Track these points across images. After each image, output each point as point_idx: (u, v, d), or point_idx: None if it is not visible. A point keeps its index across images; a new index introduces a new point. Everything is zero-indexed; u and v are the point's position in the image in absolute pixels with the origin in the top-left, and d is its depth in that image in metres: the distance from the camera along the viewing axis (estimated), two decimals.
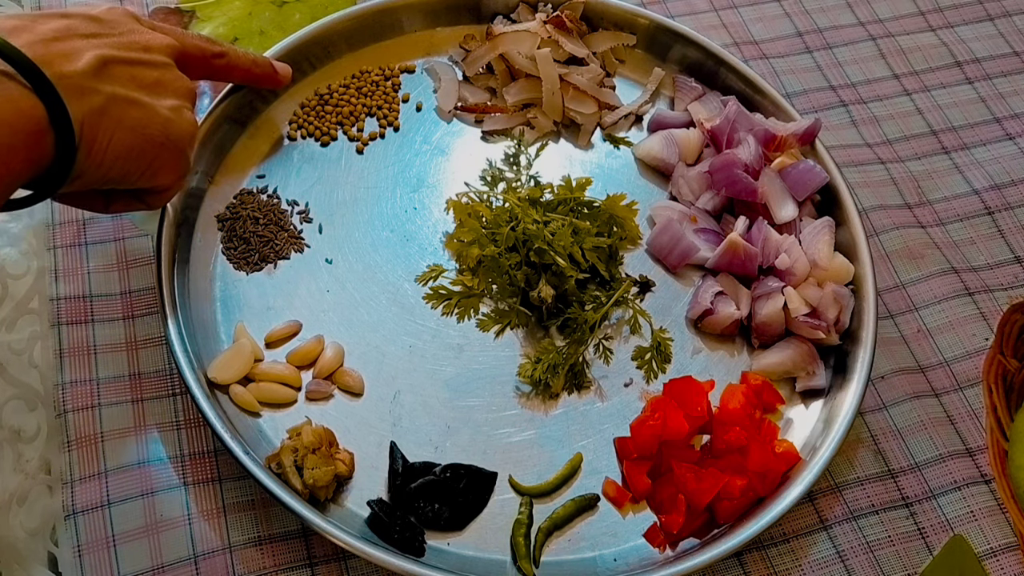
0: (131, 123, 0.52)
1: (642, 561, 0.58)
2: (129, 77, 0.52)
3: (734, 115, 0.71)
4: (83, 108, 0.49)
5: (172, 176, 0.57)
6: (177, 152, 0.56)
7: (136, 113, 0.52)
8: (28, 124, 0.46)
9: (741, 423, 0.61)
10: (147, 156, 0.54)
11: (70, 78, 0.49)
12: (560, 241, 0.63)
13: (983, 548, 0.61)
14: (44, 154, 0.48)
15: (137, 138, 0.52)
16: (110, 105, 0.51)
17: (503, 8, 0.78)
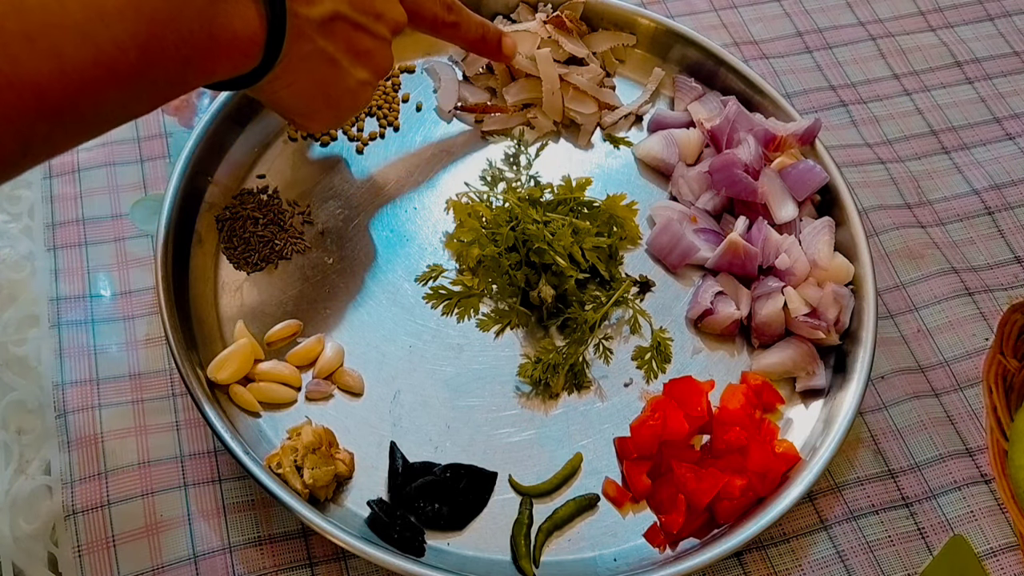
0: (319, 78, 0.56)
1: (642, 561, 0.58)
2: (346, 38, 0.55)
3: (734, 115, 0.71)
4: (293, 49, 0.52)
5: (320, 128, 0.62)
6: (337, 116, 0.61)
7: (329, 73, 0.56)
8: (246, 43, 0.50)
9: (741, 423, 0.61)
10: (312, 106, 0.58)
11: (299, 19, 0.52)
12: (560, 241, 0.63)
13: (983, 548, 0.61)
14: (242, 68, 0.51)
15: (315, 91, 0.57)
16: (314, 56, 0.54)
17: (503, 8, 0.78)
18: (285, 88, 0.55)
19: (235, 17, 0.49)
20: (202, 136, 0.67)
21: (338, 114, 0.61)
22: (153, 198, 0.69)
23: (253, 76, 0.53)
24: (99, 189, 0.69)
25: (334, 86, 0.57)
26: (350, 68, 0.57)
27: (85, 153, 0.71)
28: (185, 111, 0.74)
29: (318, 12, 0.53)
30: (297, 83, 0.55)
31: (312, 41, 0.53)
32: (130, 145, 0.72)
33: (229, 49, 0.49)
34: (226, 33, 0.49)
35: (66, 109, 0.42)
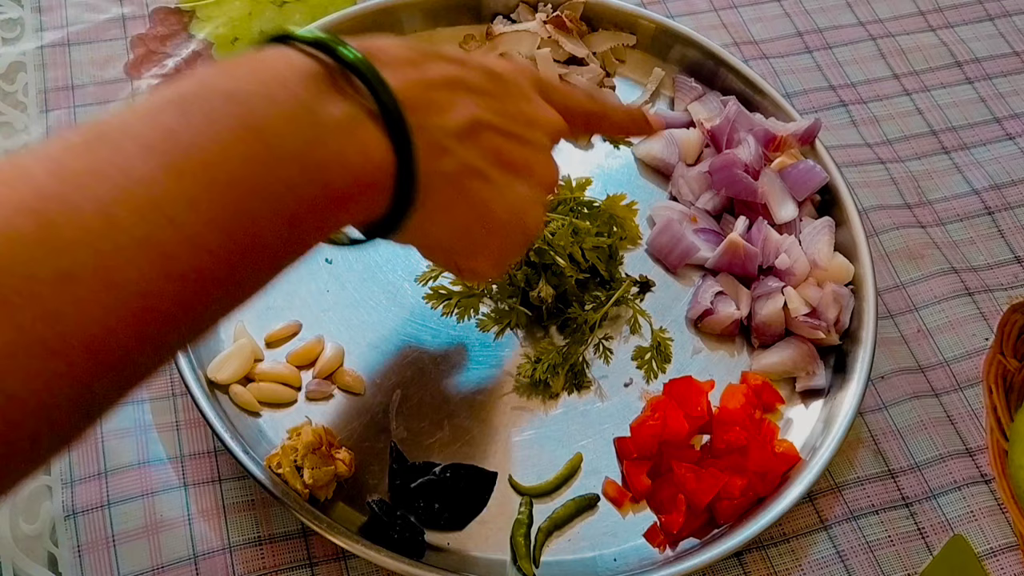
0: (474, 200, 0.45)
1: (642, 561, 0.58)
2: (495, 149, 0.45)
3: (734, 115, 0.71)
4: (431, 168, 0.42)
5: (489, 266, 0.50)
6: (509, 246, 0.49)
7: (485, 192, 0.45)
8: (372, 176, 0.39)
9: (741, 423, 0.61)
10: (475, 237, 0.47)
11: (432, 132, 0.42)
12: (560, 241, 0.63)
13: (983, 548, 0.60)
14: (376, 209, 0.41)
15: (474, 217, 0.45)
16: (460, 174, 0.44)
17: (503, 8, 0.78)
18: (438, 221, 0.44)
19: (351, 151, 0.38)
20: None
21: (507, 243, 0.49)
22: None
23: (392, 216, 0.42)
24: None
25: (494, 206, 0.46)
26: (507, 183, 0.46)
27: None
28: None
29: (454, 121, 0.43)
30: (450, 211, 0.44)
31: (453, 155, 0.43)
32: None
33: (351, 192, 0.39)
34: (343, 174, 0.38)
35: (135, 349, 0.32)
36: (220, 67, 0.38)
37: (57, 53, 0.76)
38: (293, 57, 0.38)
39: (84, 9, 0.78)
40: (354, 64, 0.39)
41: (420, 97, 0.41)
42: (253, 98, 0.36)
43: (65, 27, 0.77)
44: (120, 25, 0.78)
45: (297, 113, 0.37)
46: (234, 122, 0.35)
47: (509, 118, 0.46)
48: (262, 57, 0.39)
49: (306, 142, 0.37)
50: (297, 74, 0.38)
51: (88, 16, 0.78)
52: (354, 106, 0.39)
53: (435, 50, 0.45)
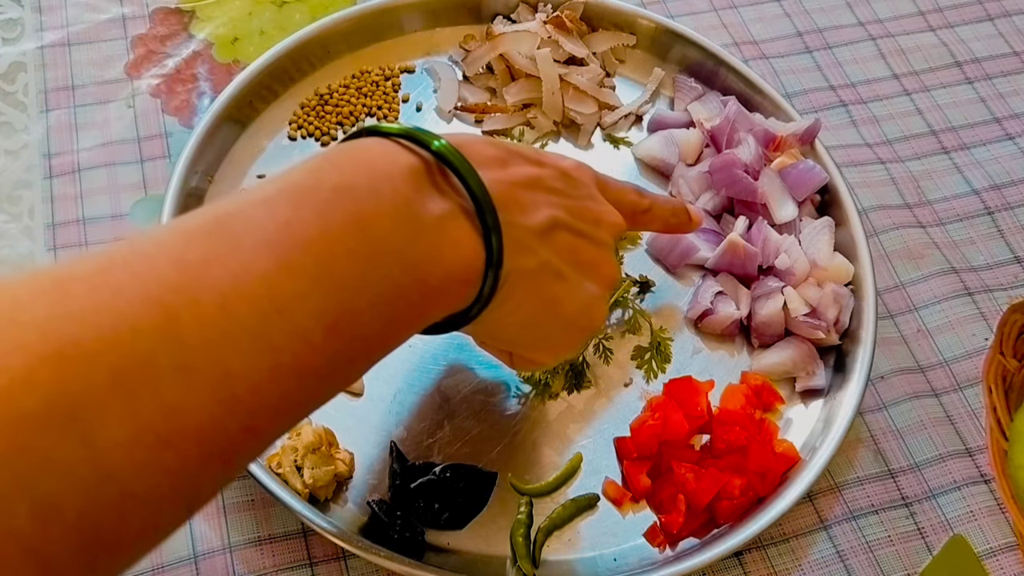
0: (548, 296, 0.46)
1: (642, 561, 0.58)
2: (569, 248, 0.47)
3: (734, 115, 0.71)
4: (515, 265, 0.43)
5: (551, 358, 0.53)
6: (573, 340, 0.51)
7: (558, 289, 0.47)
8: (463, 272, 0.41)
9: (741, 423, 0.61)
10: (542, 332, 0.49)
11: (517, 230, 0.43)
12: None
13: (983, 548, 0.61)
14: (461, 303, 0.42)
15: (545, 313, 0.47)
16: (539, 271, 0.45)
17: (503, 8, 0.78)
18: (510, 315, 0.45)
19: (446, 248, 0.40)
20: (202, 136, 0.67)
21: (572, 338, 0.51)
22: (153, 198, 0.69)
23: (472, 309, 0.43)
24: (99, 189, 0.69)
25: (566, 303, 0.47)
26: (579, 281, 0.47)
27: (85, 153, 0.71)
28: (185, 111, 0.74)
29: (536, 220, 0.44)
30: (524, 306, 0.45)
31: (535, 254, 0.44)
32: (130, 145, 0.72)
33: (444, 287, 0.40)
34: (438, 271, 0.39)
35: (239, 441, 0.32)
36: (326, 158, 0.39)
37: (57, 53, 0.76)
38: (393, 150, 0.40)
39: (84, 9, 0.78)
40: (451, 161, 0.41)
41: (507, 195, 0.43)
42: (360, 192, 0.37)
43: (65, 27, 0.77)
44: (120, 25, 0.78)
45: (400, 209, 0.38)
46: (342, 216, 0.36)
47: (580, 217, 0.48)
48: (364, 148, 0.40)
49: (406, 239, 0.38)
50: (399, 168, 0.39)
51: (88, 16, 0.78)
52: (450, 203, 0.40)
53: (516, 148, 0.47)
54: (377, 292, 0.37)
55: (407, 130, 0.41)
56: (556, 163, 0.48)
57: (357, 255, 0.36)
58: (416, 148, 0.41)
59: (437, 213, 0.39)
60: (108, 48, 0.77)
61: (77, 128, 0.72)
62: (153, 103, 0.74)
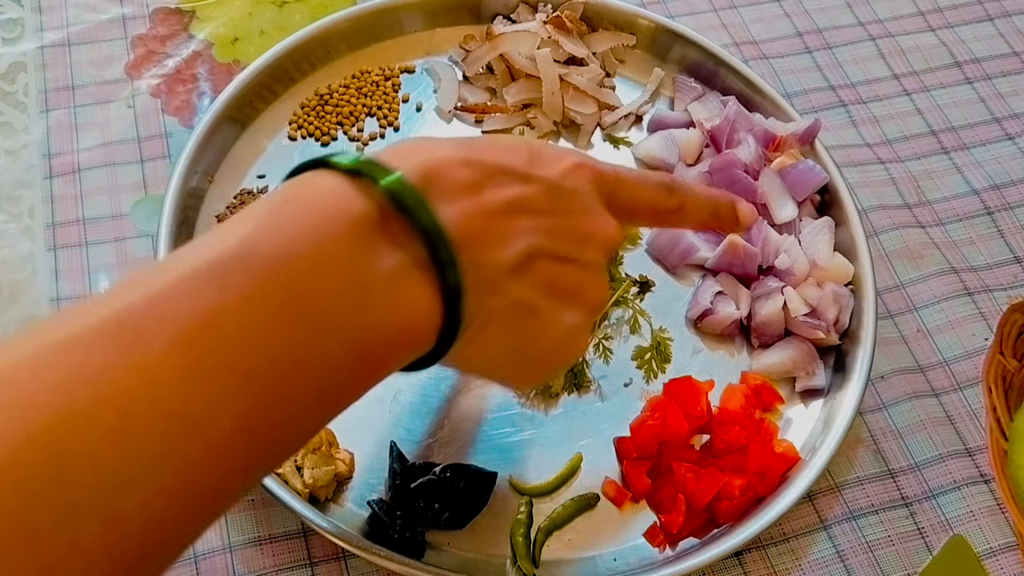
0: (520, 334, 0.42)
1: (642, 561, 0.58)
2: (548, 278, 0.42)
3: (734, 115, 0.71)
4: (482, 307, 0.39)
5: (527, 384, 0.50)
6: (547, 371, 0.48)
7: (530, 326, 0.42)
8: (416, 330, 0.37)
9: (741, 423, 0.61)
10: (513, 367, 0.45)
11: (486, 269, 0.39)
12: None
13: (983, 548, 0.61)
14: (415, 355, 0.39)
15: (516, 350, 0.43)
16: (510, 310, 0.41)
17: (503, 8, 0.78)
18: (476, 353, 0.42)
19: (397, 309, 0.36)
20: (202, 136, 0.67)
21: (546, 370, 0.48)
22: (153, 198, 0.69)
23: (431, 356, 0.40)
24: (99, 189, 0.69)
25: (539, 339, 0.43)
26: (556, 314, 0.43)
27: (85, 153, 0.71)
28: (185, 111, 0.74)
29: (510, 255, 0.40)
30: (492, 345, 0.42)
31: (506, 292, 0.40)
32: (130, 145, 0.72)
33: (393, 352, 0.37)
34: (386, 334, 0.36)
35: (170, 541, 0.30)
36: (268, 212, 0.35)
37: (57, 53, 0.76)
38: (344, 193, 0.36)
39: (84, 9, 0.78)
40: (404, 202, 0.36)
41: (477, 229, 0.38)
42: (299, 262, 0.33)
43: (65, 27, 0.77)
44: (120, 25, 0.78)
45: (345, 275, 0.34)
46: (276, 298, 0.32)
47: (566, 239, 0.43)
48: (312, 194, 0.36)
49: (351, 309, 0.35)
50: (348, 219, 0.35)
51: (88, 16, 0.78)
52: (404, 254, 0.36)
53: (500, 163, 0.41)
54: (313, 375, 0.33)
55: (359, 164, 0.37)
56: (546, 176, 0.42)
57: (290, 341, 0.32)
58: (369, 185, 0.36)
59: (389, 269, 0.36)
60: (108, 48, 0.77)
61: (77, 128, 0.72)
62: (153, 103, 0.74)
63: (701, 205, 0.50)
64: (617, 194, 0.46)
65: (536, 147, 0.44)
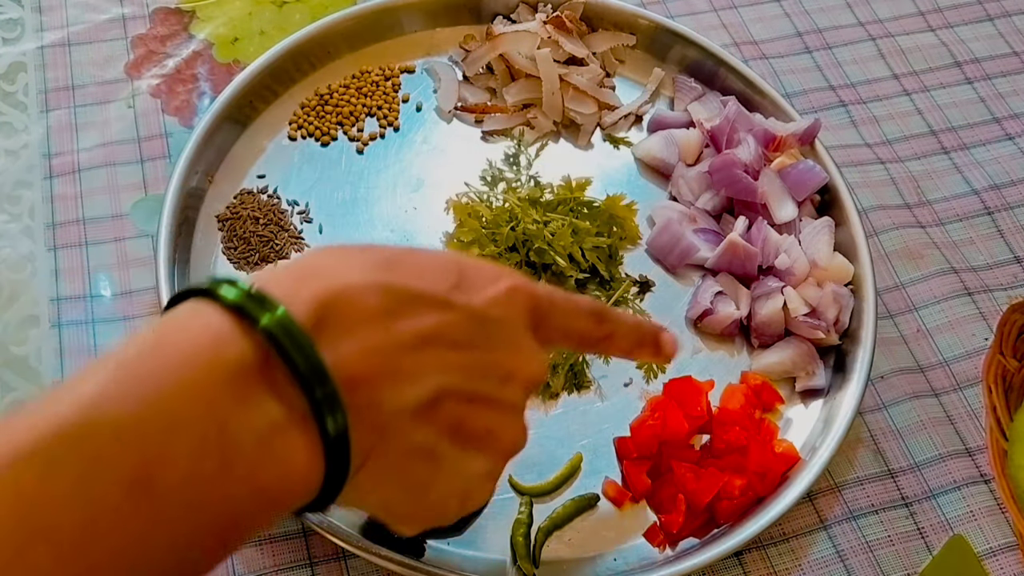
0: (415, 480, 0.39)
1: (642, 561, 0.58)
2: (455, 422, 0.38)
3: (734, 115, 0.71)
4: (373, 450, 0.36)
5: (415, 530, 0.43)
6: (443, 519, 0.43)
7: (426, 473, 0.39)
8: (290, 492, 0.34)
9: (741, 423, 0.61)
10: (406, 510, 0.41)
11: (383, 410, 0.35)
12: (560, 241, 0.63)
13: (983, 548, 0.61)
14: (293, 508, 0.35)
15: (407, 498, 0.40)
16: (405, 456, 0.37)
17: (503, 8, 0.78)
18: (364, 496, 0.38)
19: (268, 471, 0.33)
20: (202, 136, 0.67)
21: (442, 518, 0.43)
22: (153, 198, 0.69)
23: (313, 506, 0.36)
24: (99, 189, 0.69)
25: (435, 489, 0.39)
26: (459, 461, 0.39)
27: (85, 153, 0.71)
28: (185, 111, 0.74)
29: (414, 395, 0.36)
30: (381, 489, 0.38)
31: (403, 437, 0.36)
32: (130, 145, 0.72)
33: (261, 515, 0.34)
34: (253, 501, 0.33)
35: None
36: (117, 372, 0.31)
37: (57, 53, 0.76)
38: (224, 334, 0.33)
39: (84, 9, 0.78)
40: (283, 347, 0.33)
41: (378, 367, 0.35)
42: (150, 431, 0.30)
43: (65, 27, 0.77)
44: (120, 25, 0.78)
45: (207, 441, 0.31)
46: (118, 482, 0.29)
47: (482, 377, 0.39)
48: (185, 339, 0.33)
49: (211, 479, 0.31)
50: (222, 368, 0.32)
51: (88, 16, 0.78)
52: (282, 406, 0.33)
53: (417, 289, 0.37)
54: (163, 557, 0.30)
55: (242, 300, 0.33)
56: (471, 303, 0.39)
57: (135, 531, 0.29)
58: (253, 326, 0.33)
59: (262, 427, 0.32)
60: (108, 48, 0.77)
61: (77, 128, 0.72)
62: (153, 103, 0.74)
63: (627, 334, 0.48)
64: (548, 321, 0.43)
65: (467, 267, 0.40)
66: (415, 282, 0.37)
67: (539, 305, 0.42)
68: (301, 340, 0.33)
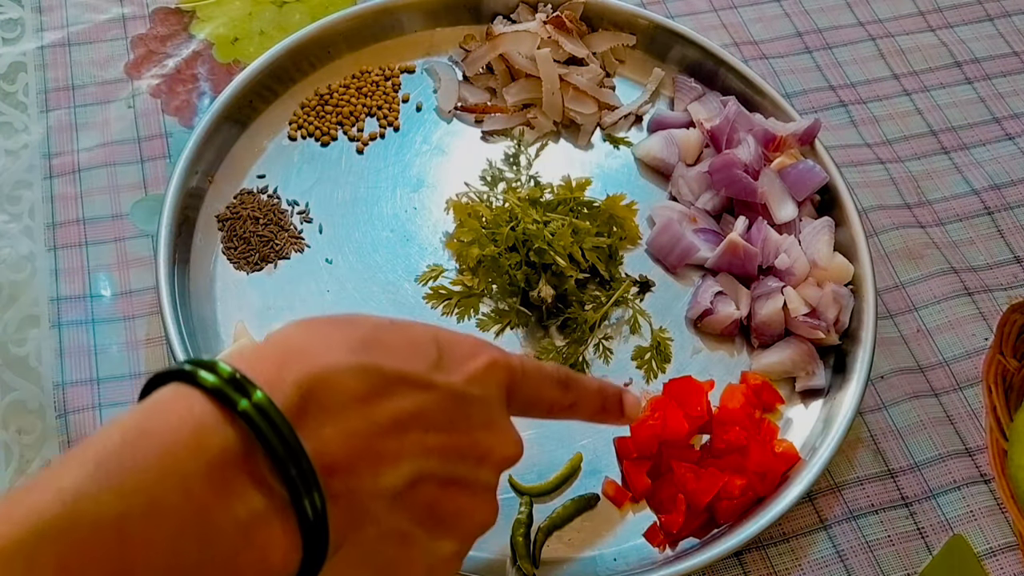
0: (383, 565, 0.38)
1: (642, 561, 0.58)
2: (430, 503, 0.39)
3: (734, 115, 0.71)
4: (349, 535, 0.36)
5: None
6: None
7: (399, 556, 0.38)
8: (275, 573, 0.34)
9: (741, 423, 0.61)
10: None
11: (361, 496, 0.36)
12: (560, 241, 0.63)
13: (983, 548, 0.61)
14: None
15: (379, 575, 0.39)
16: (380, 540, 0.37)
17: (503, 8, 0.78)
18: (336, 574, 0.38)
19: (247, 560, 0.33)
20: (202, 136, 0.67)
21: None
22: (153, 198, 0.69)
23: None
24: (99, 189, 0.70)
25: (404, 571, 0.39)
26: (430, 544, 0.39)
27: (85, 153, 0.71)
28: (185, 111, 0.74)
29: (391, 481, 0.36)
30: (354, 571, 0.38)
31: (379, 522, 0.37)
32: (130, 145, 0.72)
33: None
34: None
35: None
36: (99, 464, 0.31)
37: (57, 53, 0.76)
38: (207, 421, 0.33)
39: (84, 9, 0.78)
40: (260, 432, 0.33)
41: (359, 451, 0.35)
42: (131, 525, 0.30)
43: (65, 27, 0.77)
44: (120, 25, 0.78)
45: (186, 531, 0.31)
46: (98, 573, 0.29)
47: (458, 460, 0.39)
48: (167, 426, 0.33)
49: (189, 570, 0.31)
50: (204, 457, 0.32)
51: (88, 16, 0.78)
52: (264, 494, 0.33)
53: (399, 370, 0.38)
54: None
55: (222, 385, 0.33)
56: (450, 383, 0.39)
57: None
58: None
59: (244, 517, 0.32)
60: (108, 48, 0.77)
61: (77, 128, 0.72)
62: (153, 103, 0.74)
63: (591, 400, 0.49)
64: (519, 391, 0.44)
65: (445, 342, 0.41)
66: (395, 362, 0.38)
67: (513, 376, 0.43)
68: (279, 423, 0.33)
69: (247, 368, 0.34)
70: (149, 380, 0.35)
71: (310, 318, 0.39)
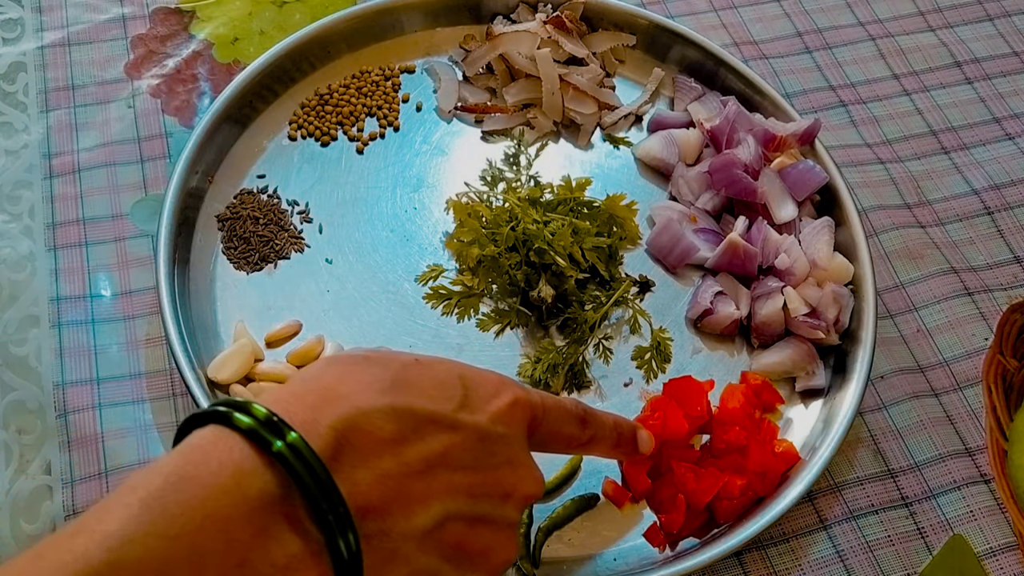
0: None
1: (642, 561, 0.58)
2: (456, 543, 0.40)
3: (734, 115, 0.71)
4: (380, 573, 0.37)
5: None
6: None
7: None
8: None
9: (741, 423, 0.61)
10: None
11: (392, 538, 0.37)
12: (560, 241, 0.63)
13: (983, 548, 0.61)
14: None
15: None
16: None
17: (503, 8, 0.78)
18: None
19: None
20: (202, 136, 0.67)
21: None
22: (153, 198, 0.69)
23: None
24: (99, 189, 0.70)
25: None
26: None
27: (85, 153, 0.71)
28: (185, 111, 0.74)
29: (421, 522, 0.38)
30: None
31: (409, 562, 0.38)
32: (130, 145, 0.72)
33: None
34: None
35: None
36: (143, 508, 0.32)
37: (57, 53, 0.76)
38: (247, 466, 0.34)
39: (84, 9, 0.78)
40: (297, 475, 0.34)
41: (391, 494, 0.37)
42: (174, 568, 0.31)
43: (65, 27, 0.77)
44: (120, 25, 0.78)
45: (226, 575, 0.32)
46: None
47: (484, 499, 0.41)
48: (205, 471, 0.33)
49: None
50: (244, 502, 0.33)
51: (88, 16, 0.78)
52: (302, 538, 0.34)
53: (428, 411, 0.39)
54: None
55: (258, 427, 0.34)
56: (476, 422, 0.40)
57: None
58: None
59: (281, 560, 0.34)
60: (108, 48, 0.77)
61: (77, 128, 0.72)
62: (153, 103, 0.74)
63: (608, 435, 0.51)
64: (540, 428, 0.45)
65: (470, 380, 0.42)
66: (423, 403, 0.39)
67: (535, 414, 0.45)
68: (314, 465, 0.34)
69: (282, 410, 0.35)
70: (184, 421, 0.36)
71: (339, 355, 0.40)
